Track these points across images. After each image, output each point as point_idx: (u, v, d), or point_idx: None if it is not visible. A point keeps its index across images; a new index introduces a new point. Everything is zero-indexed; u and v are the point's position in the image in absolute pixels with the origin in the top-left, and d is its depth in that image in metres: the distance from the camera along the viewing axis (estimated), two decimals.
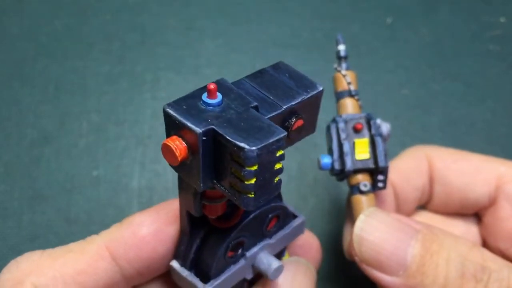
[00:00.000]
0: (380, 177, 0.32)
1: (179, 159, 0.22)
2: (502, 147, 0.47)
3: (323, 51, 0.49)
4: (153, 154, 0.45)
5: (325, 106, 0.28)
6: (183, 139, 0.22)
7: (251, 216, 0.27)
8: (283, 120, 0.24)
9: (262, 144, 0.21)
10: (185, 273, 0.27)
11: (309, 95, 0.25)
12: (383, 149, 0.32)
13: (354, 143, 0.32)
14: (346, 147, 0.32)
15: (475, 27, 0.51)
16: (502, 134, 0.47)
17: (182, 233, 0.28)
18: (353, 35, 0.50)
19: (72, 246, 0.27)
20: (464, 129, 0.47)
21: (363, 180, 0.32)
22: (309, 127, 0.26)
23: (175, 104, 0.22)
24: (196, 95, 0.23)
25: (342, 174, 0.32)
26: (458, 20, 0.52)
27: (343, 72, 0.34)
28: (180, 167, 0.23)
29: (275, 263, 0.28)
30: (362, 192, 0.32)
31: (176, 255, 0.28)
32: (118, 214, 0.43)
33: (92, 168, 0.44)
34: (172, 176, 0.44)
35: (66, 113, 0.46)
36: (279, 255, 0.31)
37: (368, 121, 0.32)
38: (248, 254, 0.28)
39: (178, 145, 0.22)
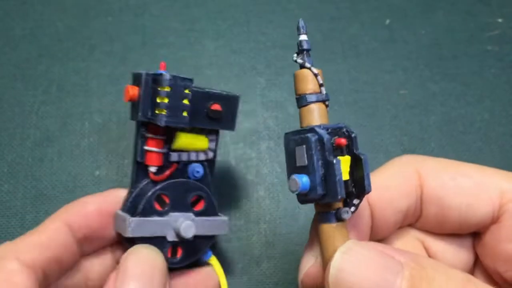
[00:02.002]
0: (356, 201, 0.28)
1: (130, 94, 0.33)
2: (499, 146, 0.47)
3: (322, 52, 0.49)
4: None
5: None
6: (138, 88, 0.33)
7: (178, 180, 0.35)
8: (206, 100, 0.35)
9: (175, 75, 0.32)
10: (121, 212, 0.34)
11: (226, 93, 0.35)
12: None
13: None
14: (338, 169, 0.26)
15: (473, 28, 0.52)
16: (500, 134, 0.47)
17: (129, 188, 0.35)
18: (352, 36, 0.50)
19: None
20: (462, 128, 0.47)
21: (341, 206, 0.28)
22: (228, 122, 0.36)
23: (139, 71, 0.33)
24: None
25: (322, 199, 0.27)
26: (456, 21, 0.52)
27: (314, 70, 0.28)
28: (132, 105, 0.34)
29: (188, 222, 0.34)
30: (340, 220, 0.27)
31: (121, 207, 0.35)
32: None
33: (94, 168, 0.45)
34: None
35: (69, 114, 0.46)
36: (201, 248, 0.35)
37: (349, 135, 0.28)
38: (172, 214, 0.34)
39: (132, 88, 0.33)
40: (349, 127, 0.28)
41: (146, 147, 0.34)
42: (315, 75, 0.28)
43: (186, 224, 0.34)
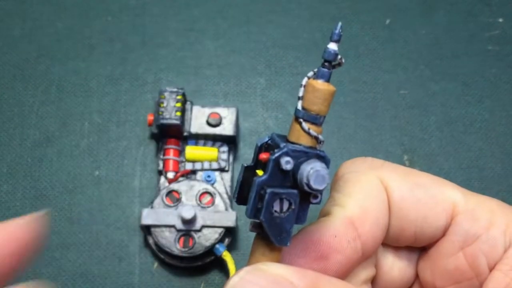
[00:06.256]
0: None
1: (148, 119, 0.43)
2: (500, 146, 0.47)
3: (322, 51, 0.49)
4: (154, 154, 0.45)
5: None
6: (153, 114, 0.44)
7: (187, 179, 0.42)
8: (206, 113, 0.44)
9: (167, 88, 0.43)
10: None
11: (224, 106, 0.45)
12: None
13: None
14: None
15: (473, 28, 0.51)
16: (500, 134, 0.47)
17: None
18: (352, 36, 0.50)
19: None
20: (463, 128, 0.47)
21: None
22: (229, 128, 0.43)
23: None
24: None
25: None
26: (456, 21, 0.52)
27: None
28: (151, 128, 0.44)
29: (188, 206, 0.40)
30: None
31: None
32: (119, 214, 0.44)
33: (94, 168, 0.45)
34: None
35: (68, 114, 0.46)
36: (210, 238, 0.40)
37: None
38: (180, 206, 0.41)
39: (150, 115, 0.43)
40: (275, 140, 0.25)
41: (164, 156, 0.43)
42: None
43: (186, 208, 0.40)
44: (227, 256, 0.41)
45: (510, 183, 0.45)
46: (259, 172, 0.24)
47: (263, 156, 0.24)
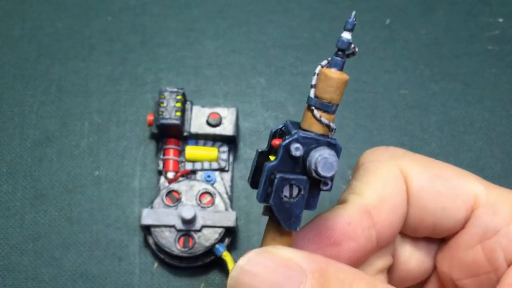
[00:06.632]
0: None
1: (148, 119, 0.43)
2: (500, 146, 0.47)
3: (323, 51, 0.49)
4: (154, 154, 0.45)
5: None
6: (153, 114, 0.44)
7: (188, 179, 0.43)
8: (206, 113, 0.44)
9: (167, 88, 0.43)
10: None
11: (225, 106, 0.45)
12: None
13: None
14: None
15: (473, 27, 0.51)
16: (501, 134, 0.47)
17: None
18: (352, 36, 0.50)
19: None
20: (463, 128, 0.47)
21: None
22: (228, 128, 0.43)
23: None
24: None
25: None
26: (456, 21, 0.52)
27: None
28: (151, 128, 0.43)
29: (188, 206, 0.40)
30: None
31: None
32: (119, 214, 0.43)
33: (94, 168, 0.45)
34: None
35: (68, 114, 0.46)
36: (211, 238, 0.40)
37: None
38: (179, 206, 0.41)
39: (149, 115, 0.43)
40: (288, 127, 0.25)
41: (164, 157, 0.43)
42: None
43: (186, 208, 0.40)
44: (227, 256, 0.41)
45: (510, 183, 0.45)
46: (272, 158, 0.24)
47: (276, 142, 0.24)
